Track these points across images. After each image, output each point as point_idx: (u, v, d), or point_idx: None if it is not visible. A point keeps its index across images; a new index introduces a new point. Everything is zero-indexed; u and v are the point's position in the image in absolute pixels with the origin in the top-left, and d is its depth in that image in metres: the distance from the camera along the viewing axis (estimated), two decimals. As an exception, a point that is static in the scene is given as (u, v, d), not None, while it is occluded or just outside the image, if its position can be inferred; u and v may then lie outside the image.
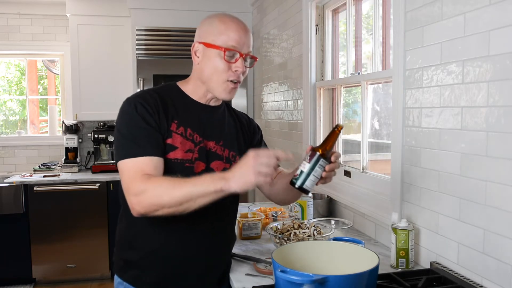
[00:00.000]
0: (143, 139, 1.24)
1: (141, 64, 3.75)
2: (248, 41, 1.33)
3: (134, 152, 1.22)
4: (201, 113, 1.38)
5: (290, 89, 2.99)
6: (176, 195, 1.13)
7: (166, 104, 1.32)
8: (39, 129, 4.78)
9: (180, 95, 1.38)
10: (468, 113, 1.32)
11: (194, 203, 1.14)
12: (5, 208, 3.66)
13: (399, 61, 1.65)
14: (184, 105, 1.36)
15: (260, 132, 1.61)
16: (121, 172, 1.24)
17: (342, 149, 2.44)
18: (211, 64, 1.31)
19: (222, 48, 1.28)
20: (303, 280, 1.00)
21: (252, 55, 1.35)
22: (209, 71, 1.32)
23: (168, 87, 1.40)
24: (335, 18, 2.57)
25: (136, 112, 1.26)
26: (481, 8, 1.25)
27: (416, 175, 1.59)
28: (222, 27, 1.31)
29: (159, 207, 1.16)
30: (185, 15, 3.82)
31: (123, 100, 1.32)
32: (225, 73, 1.31)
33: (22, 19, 4.34)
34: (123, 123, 1.28)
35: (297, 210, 2.07)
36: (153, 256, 1.34)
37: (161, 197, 1.15)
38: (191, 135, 1.32)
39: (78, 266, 3.81)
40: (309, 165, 1.20)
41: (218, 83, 1.32)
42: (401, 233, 1.51)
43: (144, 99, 1.29)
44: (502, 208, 1.20)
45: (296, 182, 1.21)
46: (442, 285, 1.32)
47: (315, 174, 1.21)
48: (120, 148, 1.26)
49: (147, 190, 1.16)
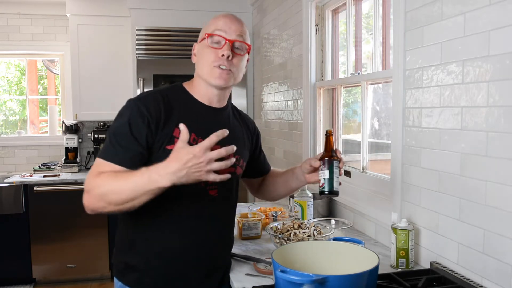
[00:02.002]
0: (121, 147, 1.25)
1: (141, 64, 3.75)
2: (236, 28, 1.34)
3: (108, 155, 1.25)
4: (206, 116, 1.38)
5: (290, 89, 2.99)
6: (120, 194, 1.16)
7: (171, 108, 1.31)
8: (39, 129, 4.78)
9: (186, 96, 1.38)
10: (468, 113, 1.32)
11: (138, 200, 1.16)
12: (5, 208, 3.66)
13: (399, 61, 1.65)
14: (189, 108, 1.36)
15: (260, 136, 1.66)
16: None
17: (342, 149, 2.44)
18: (201, 55, 1.36)
19: (207, 35, 1.33)
20: (303, 280, 1.00)
21: (242, 41, 1.35)
22: (200, 62, 1.36)
23: (174, 88, 1.40)
24: (335, 18, 2.56)
25: (127, 117, 1.26)
26: (481, 8, 1.25)
27: (416, 175, 1.59)
28: (211, 20, 1.36)
29: (106, 204, 1.18)
30: (185, 15, 3.82)
31: (126, 100, 1.33)
32: (211, 59, 1.33)
33: (22, 19, 4.34)
34: (115, 123, 1.29)
35: (297, 210, 2.07)
36: (154, 259, 1.34)
37: (106, 196, 1.18)
38: (195, 140, 1.30)
39: (78, 266, 3.81)
40: (328, 171, 1.41)
41: (207, 69, 1.34)
42: (401, 233, 1.51)
43: (145, 103, 1.29)
44: (502, 208, 1.20)
45: (325, 190, 1.41)
46: (442, 285, 1.32)
47: (336, 175, 1.42)
48: (104, 146, 1.30)
49: (94, 188, 1.20)
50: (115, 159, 1.24)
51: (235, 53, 1.35)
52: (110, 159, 1.25)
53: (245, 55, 1.39)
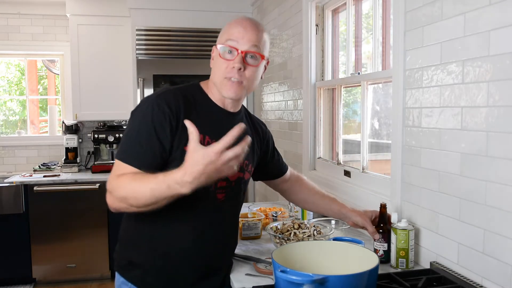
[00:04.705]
0: (144, 148, 1.23)
1: (141, 64, 3.75)
2: (250, 37, 1.27)
3: (129, 158, 1.23)
4: (222, 119, 1.36)
5: (290, 89, 2.99)
6: (140, 200, 1.15)
7: (190, 108, 1.29)
8: (39, 129, 4.78)
9: (203, 97, 1.36)
10: (468, 113, 1.32)
11: (158, 204, 1.15)
12: (5, 208, 3.66)
13: (399, 61, 1.65)
14: (206, 110, 1.34)
15: (272, 140, 1.65)
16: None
17: (342, 149, 2.44)
18: (214, 63, 1.34)
19: (220, 44, 1.30)
20: (303, 280, 1.00)
21: (255, 52, 1.29)
22: (213, 70, 1.34)
23: (192, 88, 1.38)
24: (335, 18, 2.56)
25: (150, 117, 1.23)
26: (481, 8, 1.25)
27: (416, 175, 1.59)
28: (226, 26, 1.31)
29: (128, 205, 1.18)
30: (185, 15, 3.81)
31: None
32: (222, 70, 1.29)
33: (22, 19, 4.34)
34: (135, 122, 1.26)
35: (297, 210, 2.07)
36: (159, 259, 1.34)
37: (126, 199, 1.17)
38: (209, 143, 1.27)
39: (78, 266, 3.81)
40: (387, 244, 1.56)
41: (219, 80, 1.31)
42: (401, 233, 1.51)
43: (167, 100, 1.25)
44: (502, 208, 1.20)
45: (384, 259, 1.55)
46: (442, 285, 1.32)
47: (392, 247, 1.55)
48: (123, 145, 1.26)
49: (115, 189, 1.19)
50: (135, 162, 1.22)
51: (248, 64, 1.29)
52: (129, 162, 1.22)
53: (260, 65, 1.33)
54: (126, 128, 1.29)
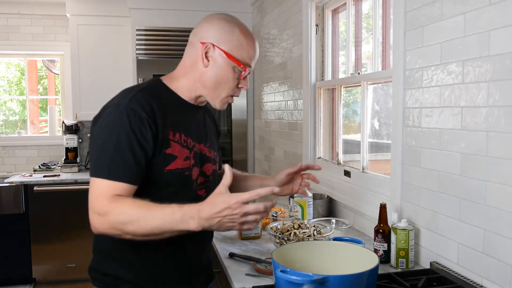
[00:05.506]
0: (128, 160, 1.13)
1: (141, 64, 3.75)
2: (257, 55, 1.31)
3: (114, 174, 1.11)
4: (190, 114, 1.31)
5: (290, 89, 2.99)
6: (142, 228, 1.07)
7: (163, 109, 1.21)
8: (39, 129, 4.78)
9: (170, 94, 1.28)
10: (468, 113, 1.32)
11: (160, 236, 1.09)
12: (5, 208, 3.66)
13: (399, 61, 1.65)
14: (176, 108, 1.27)
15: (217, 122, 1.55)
16: (92, 186, 1.14)
17: (342, 149, 2.44)
18: (221, 74, 1.24)
19: (241, 64, 1.23)
20: (303, 280, 1.00)
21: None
22: (216, 80, 1.25)
23: (155, 85, 1.29)
24: (335, 18, 2.56)
25: (128, 125, 1.13)
26: (481, 8, 1.25)
27: (416, 175, 1.59)
28: (244, 41, 1.25)
29: (122, 232, 1.09)
30: (185, 15, 3.81)
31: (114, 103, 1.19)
32: (231, 88, 1.26)
33: (22, 19, 4.34)
34: (112, 133, 1.13)
35: (297, 210, 2.07)
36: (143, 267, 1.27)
37: (125, 225, 1.08)
38: (185, 141, 1.25)
39: (78, 266, 3.81)
40: (386, 244, 1.57)
41: (221, 95, 1.27)
42: (401, 233, 1.51)
43: (141, 104, 1.16)
44: (502, 208, 1.20)
45: (384, 259, 1.56)
46: (442, 285, 1.32)
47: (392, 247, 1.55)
48: (99, 161, 1.14)
49: (111, 213, 1.08)
50: (124, 178, 1.12)
51: None
52: (117, 178, 1.11)
53: None
54: (96, 140, 1.16)
